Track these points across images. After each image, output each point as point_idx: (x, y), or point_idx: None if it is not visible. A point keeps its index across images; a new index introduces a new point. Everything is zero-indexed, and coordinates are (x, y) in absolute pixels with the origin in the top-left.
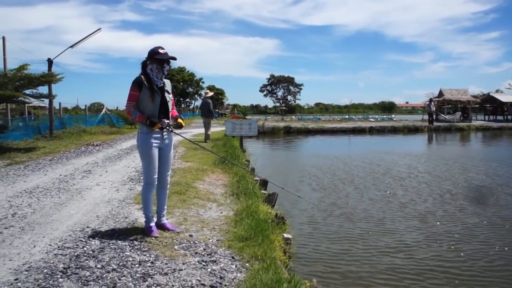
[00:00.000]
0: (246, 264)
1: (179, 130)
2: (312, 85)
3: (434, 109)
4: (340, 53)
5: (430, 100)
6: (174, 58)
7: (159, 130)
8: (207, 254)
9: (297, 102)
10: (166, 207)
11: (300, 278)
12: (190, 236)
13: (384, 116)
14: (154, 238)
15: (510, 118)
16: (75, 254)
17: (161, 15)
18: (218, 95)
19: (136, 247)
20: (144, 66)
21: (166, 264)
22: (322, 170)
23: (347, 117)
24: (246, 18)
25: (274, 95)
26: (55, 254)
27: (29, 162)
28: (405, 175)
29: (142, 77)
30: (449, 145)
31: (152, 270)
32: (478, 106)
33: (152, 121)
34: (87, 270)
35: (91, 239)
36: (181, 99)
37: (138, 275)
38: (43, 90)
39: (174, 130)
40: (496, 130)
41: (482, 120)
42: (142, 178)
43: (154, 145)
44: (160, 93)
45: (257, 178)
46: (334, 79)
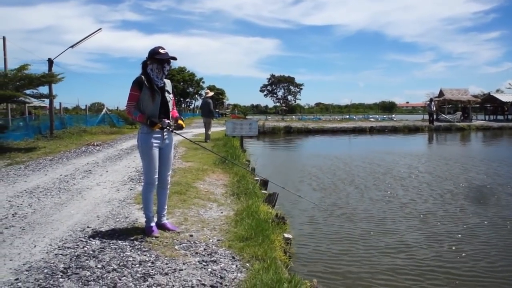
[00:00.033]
0: (247, 264)
1: (179, 131)
2: (312, 85)
3: (434, 109)
4: (340, 53)
5: (431, 100)
6: (175, 58)
7: (160, 130)
8: (208, 254)
9: (297, 102)
10: (166, 207)
11: (300, 278)
12: (191, 236)
13: (384, 116)
14: (154, 238)
15: (510, 118)
16: (76, 254)
17: (161, 15)
18: (218, 95)
19: (136, 247)
20: (144, 66)
21: (167, 264)
22: (322, 170)
23: (348, 117)
24: (247, 18)
25: (275, 95)
26: (56, 254)
27: (29, 162)
28: (405, 175)
29: (143, 77)
30: (449, 145)
31: (152, 270)
32: (478, 106)
33: (152, 121)
34: (88, 270)
35: (92, 239)
36: (181, 99)
37: (138, 275)
38: (44, 90)
39: (175, 131)
40: (496, 130)
41: (482, 120)
42: (142, 178)
43: (155, 145)
44: (160, 93)
45: (257, 178)
46: (335, 79)
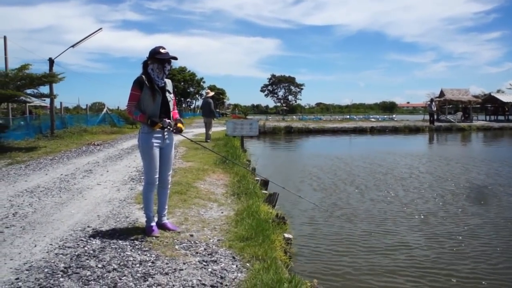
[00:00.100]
0: (247, 264)
1: (178, 134)
2: (313, 85)
3: (435, 109)
4: (341, 53)
5: (431, 100)
6: (175, 58)
7: (160, 129)
8: (208, 254)
9: (298, 102)
10: (167, 207)
11: (300, 278)
12: (191, 236)
13: (385, 116)
14: (155, 237)
15: (511, 118)
16: (76, 253)
17: (162, 15)
18: (219, 95)
19: (137, 247)
20: (145, 66)
21: (167, 264)
22: (323, 170)
23: (348, 117)
24: (247, 18)
25: (275, 95)
26: (56, 254)
27: (30, 161)
28: (406, 176)
29: (143, 76)
30: (450, 145)
31: (152, 270)
32: (479, 106)
33: (153, 120)
34: (88, 270)
35: (92, 239)
36: (182, 99)
37: (138, 275)
38: (44, 89)
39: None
40: (497, 130)
41: (483, 120)
42: (143, 177)
43: (155, 145)
44: (161, 92)
45: (258, 178)
46: (335, 79)
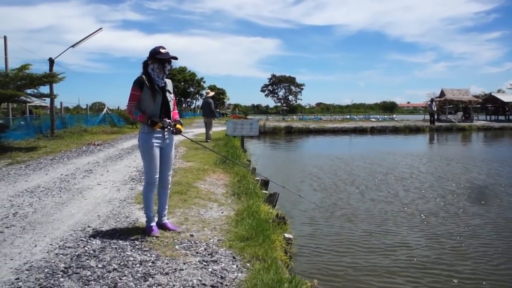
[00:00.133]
0: (247, 264)
1: (177, 134)
2: (313, 85)
3: (435, 109)
4: (341, 53)
5: (432, 100)
6: (175, 58)
7: (161, 129)
8: (208, 254)
9: (298, 102)
10: (167, 207)
11: (301, 278)
12: (191, 236)
13: (385, 116)
14: (155, 237)
15: (511, 118)
16: (76, 253)
17: (162, 15)
18: (219, 95)
19: (137, 247)
20: (145, 65)
21: (167, 264)
22: (323, 170)
23: (348, 117)
24: (247, 18)
25: (275, 95)
26: (56, 254)
27: (30, 161)
28: (407, 176)
29: (144, 76)
30: (450, 145)
31: (153, 270)
32: (479, 106)
33: (153, 120)
34: (88, 270)
35: (92, 239)
36: (182, 99)
37: (139, 275)
38: (45, 89)
39: (172, 134)
40: (497, 130)
41: (483, 120)
42: (143, 177)
43: (156, 145)
44: (161, 92)
45: (258, 178)
46: (335, 79)
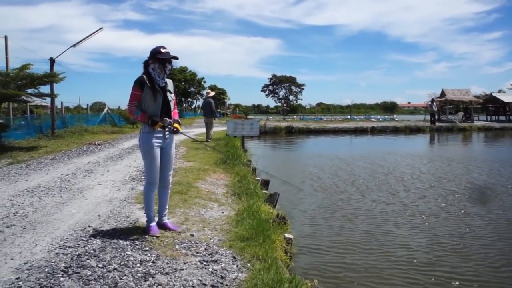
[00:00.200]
0: (247, 264)
1: (175, 134)
2: (314, 85)
3: (436, 109)
4: (342, 53)
5: (432, 100)
6: (176, 58)
7: (161, 129)
8: (208, 254)
9: (298, 102)
10: (167, 207)
11: (301, 278)
12: (192, 235)
13: (386, 116)
14: (155, 237)
15: None
16: (77, 253)
17: (163, 15)
18: (220, 95)
19: (137, 247)
20: (146, 65)
21: (167, 263)
22: (324, 171)
23: (349, 117)
24: (248, 18)
25: (276, 95)
26: (57, 253)
27: (30, 161)
28: (407, 176)
29: (144, 76)
30: (451, 145)
31: (153, 269)
32: (480, 106)
33: (154, 120)
34: (89, 270)
35: (93, 239)
36: (182, 99)
37: (139, 275)
38: (45, 89)
39: (170, 133)
40: (498, 130)
41: (484, 120)
42: (143, 177)
43: (156, 144)
44: (162, 92)
45: (258, 179)
46: (336, 79)
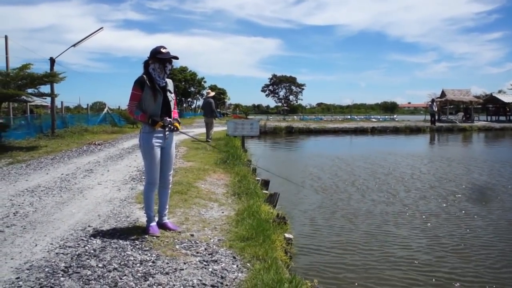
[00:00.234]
0: (247, 264)
1: (174, 132)
2: (314, 85)
3: (436, 109)
4: (342, 53)
5: (432, 100)
6: (176, 58)
7: (162, 129)
8: (208, 254)
9: (299, 102)
10: (167, 207)
11: (301, 278)
12: (192, 235)
13: (386, 116)
14: (155, 237)
15: None
16: (77, 253)
17: (163, 15)
18: (220, 95)
19: (137, 247)
20: (146, 65)
21: (167, 263)
22: (324, 171)
23: (349, 117)
24: (248, 18)
25: (276, 95)
26: (57, 253)
27: (31, 161)
28: (407, 176)
29: (145, 76)
30: (451, 145)
31: (153, 269)
32: (480, 106)
33: (154, 119)
34: (89, 269)
35: (93, 238)
36: (183, 99)
37: (139, 275)
38: (45, 89)
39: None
40: (498, 130)
41: (484, 120)
42: (143, 177)
43: (156, 144)
44: (162, 92)
45: (258, 178)
46: (336, 79)
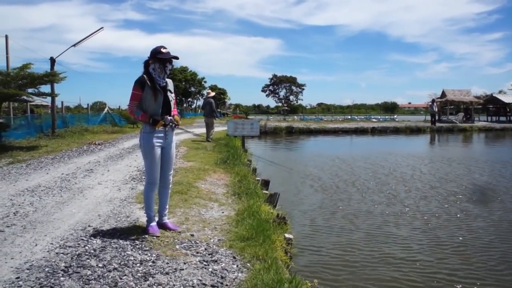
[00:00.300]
0: (247, 264)
1: (176, 127)
2: (314, 85)
3: (436, 109)
4: (342, 53)
5: (433, 100)
6: (177, 58)
7: (162, 129)
8: (208, 254)
9: (299, 102)
10: (168, 207)
11: (301, 279)
12: (192, 235)
13: (386, 116)
14: (155, 237)
15: None
16: (77, 253)
17: (164, 15)
18: (220, 95)
19: (137, 247)
20: (146, 65)
21: (168, 263)
22: (324, 171)
23: (349, 117)
24: (249, 18)
25: (276, 95)
26: (57, 253)
27: (31, 160)
28: (408, 177)
29: (145, 76)
30: (452, 146)
31: (153, 269)
32: (480, 107)
33: (155, 119)
34: (89, 269)
35: (93, 238)
36: (183, 99)
37: (139, 275)
38: (46, 89)
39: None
40: (499, 131)
41: (484, 121)
42: (144, 177)
43: (157, 144)
44: (162, 92)
45: (258, 178)
46: (337, 79)
